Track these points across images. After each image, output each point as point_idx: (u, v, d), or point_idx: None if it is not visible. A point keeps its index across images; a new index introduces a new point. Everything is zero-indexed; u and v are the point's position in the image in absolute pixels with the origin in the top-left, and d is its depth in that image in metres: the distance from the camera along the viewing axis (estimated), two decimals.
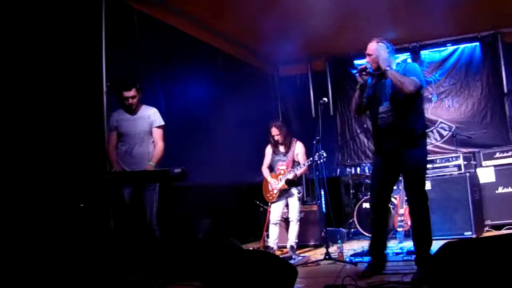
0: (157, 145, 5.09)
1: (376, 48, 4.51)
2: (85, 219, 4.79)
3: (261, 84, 9.15)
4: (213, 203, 6.90)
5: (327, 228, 6.43)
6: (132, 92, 5.00)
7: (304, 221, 7.04)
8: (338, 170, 9.21)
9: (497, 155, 7.33)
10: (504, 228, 6.93)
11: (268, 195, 6.60)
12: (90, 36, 5.24)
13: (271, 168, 6.67)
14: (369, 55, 4.53)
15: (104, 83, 5.31)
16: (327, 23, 7.10)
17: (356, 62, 9.03)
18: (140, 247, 4.91)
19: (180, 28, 6.66)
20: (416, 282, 4.03)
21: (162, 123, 5.16)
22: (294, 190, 6.48)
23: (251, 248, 6.73)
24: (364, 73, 4.49)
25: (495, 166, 7.22)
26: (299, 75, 9.60)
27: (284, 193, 6.50)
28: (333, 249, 6.11)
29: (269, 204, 6.60)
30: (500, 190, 7.08)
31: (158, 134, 5.12)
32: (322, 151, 5.98)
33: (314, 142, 5.93)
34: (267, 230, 6.58)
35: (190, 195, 6.26)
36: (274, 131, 6.49)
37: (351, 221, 7.90)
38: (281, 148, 6.57)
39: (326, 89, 9.20)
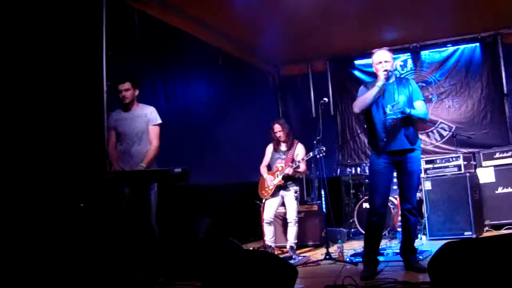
0: (151, 144, 5.06)
1: (391, 56, 4.84)
2: (85, 219, 4.79)
3: (262, 84, 9.16)
4: (213, 203, 6.90)
5: (328, 228, 6.44)
6: (126, 85, 5.01)
7: (304, 221, 7.05)
8: (339, 170, 9.22)
9: (497, 155, 7.33)
10: (504, 228, 6.94)
11: (264, 191, 6.54)
12: (91, 35, 5.23)
13: (269, 168, 6.65)
14: (387, 61, 4.73)
15: (104, 82, 5.30)
16: (328, 23, 7.10)
17: (357, 62, 9.06)
18: (140, 247, 4.91)
19: (181, 28, 6.66)
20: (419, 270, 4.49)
21: (159, 121, 5.14)
22: (290, 188, 6.45)
23: (251, 248, 6.73)
24: (387, 75, 4.67)
25: (495, 166, 7.22)
26: (300, 75, 9.61)
27: (279, 189, 6.47)
28: (333, 249, 6.11)
29: (263, 200, 6.58)
30: (500, 190, 7.09)
31: (154, 132, 5.10)
32: (322, 147, 5.98)
33: (315, 142, 5.94)
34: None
35: (190, 195, 6.27)
36: (277, 127, 6.49)
37: (351, 221, 7.90)
38: (283, 147, 6.57)
39: (327, 89, 9.21)
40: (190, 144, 6.46)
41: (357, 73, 9.10)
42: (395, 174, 4.94)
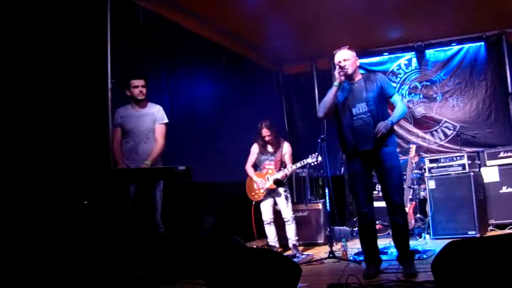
0: (156, 142, 5.08)
1: (352, 54, 4.83)
2: (89, 217, 4.80)
3: (266, 83, 9.14)
4: (218, 201, 6.90)
5: (331, 227, 6.43)
6: (141, 81, 5.04)
7: (308, 220, 7.05)
8: (343, 168, 9.19)
9: (501, 154, 7.32)
10: (508, 228, 6.92)
11: (253, 193, 6.52)
12: (95, 33, 5.24)
13: (255, 167, 6.62)
14: (346, 59, 4.75)
15: (109, 80, 5.31)
16: (332, 21, 7.09)
17: (362, 61, 8.98)
18: (145, 245, 4.92)
19: (185, 26, 6.65)
20: (409, 275, 4.30)
21: (166, 120, 5.16)
22: (280, 189, 6.42)
23: (255, 246, 6.74)
24: (342, 73, 4.68)
25: (499, 165, 7.21)
26: (304, 73, 9.59)
27: (270, 192, 6.46)
28: (337, 247, 6.12)
29: (253, 202, 6.55)
30: (504, 189, 7.08)
31: (160, 131, 5.11)
32: (316, 154, 5.97)
33: (319, 140, 5.91)
34: (257, 228, 6.54)
35: (194, 193, 6.27)
36: (265, 132, 6.42)
37: (355, 219, 7.89)
38: (269, 148, 6.52)
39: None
40: (194, 142, 6.46)
41: (361, 71, 9.06)
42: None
